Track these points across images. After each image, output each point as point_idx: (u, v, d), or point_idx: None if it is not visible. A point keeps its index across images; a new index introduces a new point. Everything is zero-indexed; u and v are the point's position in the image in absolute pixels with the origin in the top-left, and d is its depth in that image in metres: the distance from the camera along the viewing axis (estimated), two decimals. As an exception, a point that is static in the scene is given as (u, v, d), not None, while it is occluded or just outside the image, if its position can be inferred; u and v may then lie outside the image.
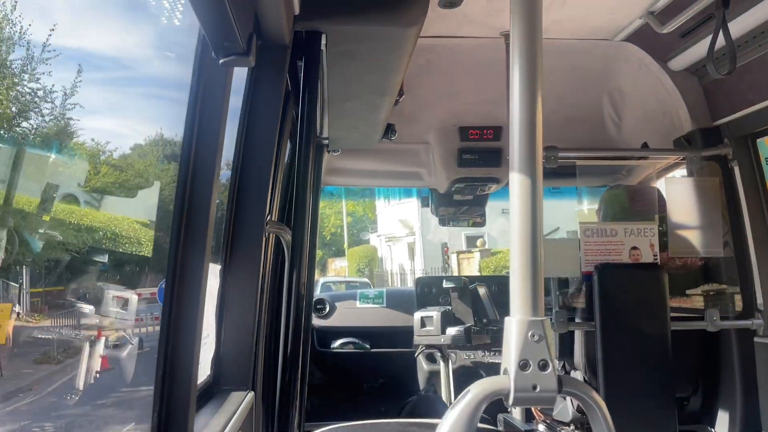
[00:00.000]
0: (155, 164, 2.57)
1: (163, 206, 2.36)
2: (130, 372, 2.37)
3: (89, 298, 2.30)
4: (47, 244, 2.01)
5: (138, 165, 2.53)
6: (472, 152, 3.69)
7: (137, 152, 2.55)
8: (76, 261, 2.20)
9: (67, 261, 2.16)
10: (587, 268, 2.93)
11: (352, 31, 1.99)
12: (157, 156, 2.55)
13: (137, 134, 2.55)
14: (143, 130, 2.51)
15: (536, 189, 1.19)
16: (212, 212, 1.27)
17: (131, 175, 2.45)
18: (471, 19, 2.65)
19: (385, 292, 5.44)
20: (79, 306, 2.25)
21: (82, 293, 2.30)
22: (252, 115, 1.84)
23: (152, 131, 2.53)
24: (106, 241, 2.30)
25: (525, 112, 1.20)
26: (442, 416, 1.18)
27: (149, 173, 2.58)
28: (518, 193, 1.20)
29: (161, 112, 2.79)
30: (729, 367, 2.97)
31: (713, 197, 3.05)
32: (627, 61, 3.10)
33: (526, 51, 1.21)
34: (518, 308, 1.17)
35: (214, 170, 1.27)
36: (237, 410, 1.55)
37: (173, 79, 2.12)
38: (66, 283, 2.21)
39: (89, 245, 2.24)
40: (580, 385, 1.20)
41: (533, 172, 1.20)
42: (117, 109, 2.22)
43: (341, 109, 2.85)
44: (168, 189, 2.26)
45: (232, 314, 1.75)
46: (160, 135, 2.51)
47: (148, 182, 2.62)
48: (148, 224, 2.42)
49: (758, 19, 2.37)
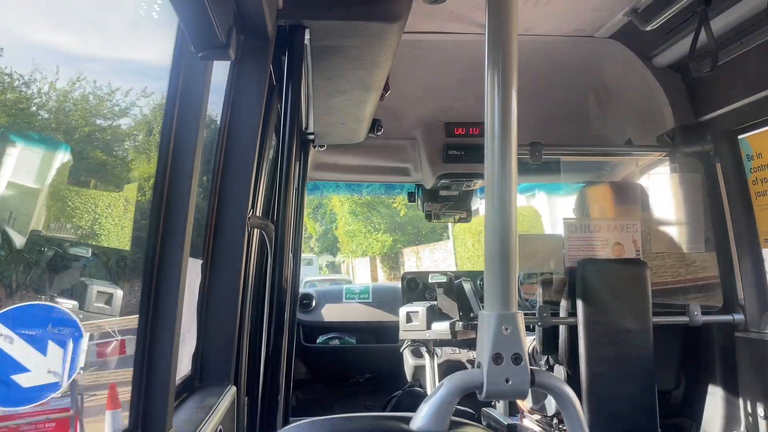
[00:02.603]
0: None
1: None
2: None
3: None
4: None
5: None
6: (457, 148, 3.70)
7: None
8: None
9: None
10: (571, 264, 2.95)
11: (336, 25, 1.99)
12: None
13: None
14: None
15: (510, 185, 1.20)
16: (191, 207, 1.27)
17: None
18: (456, 16, 2.65)
19: (371, 287, 5.45)
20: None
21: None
22: (234, 109, 1.83)
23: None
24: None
25: (500, 109, 1.21)
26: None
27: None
28: (492, 189, 1.20)
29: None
30: (710, 361, 3.01)
31: (695, 193, 3.08)
32: (611, 58, 3.11)
33: (502, 47, 1.22)
34: (491, 302, 1.18)
35: (193, 164, 1.27)
36: (218, 405, 1.55)
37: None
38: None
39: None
40: (552, 379, 1.22)
41: (507, 169, 1.20)
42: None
43: (326, 104, 2.84)
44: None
45: (213, 309, 1.75)
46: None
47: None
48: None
49: (740, 17, 2.39)
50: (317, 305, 5.27)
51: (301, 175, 3.58)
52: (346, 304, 5.30)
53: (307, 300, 5.27)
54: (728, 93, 2.77)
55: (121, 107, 2.31)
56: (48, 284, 2.68)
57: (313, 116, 3.03)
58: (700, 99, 2.98)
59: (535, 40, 2.91)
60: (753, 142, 2.84)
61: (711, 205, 3.02)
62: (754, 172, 2.83)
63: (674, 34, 2.74)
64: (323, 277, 25.12)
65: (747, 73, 2.61)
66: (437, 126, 3.73)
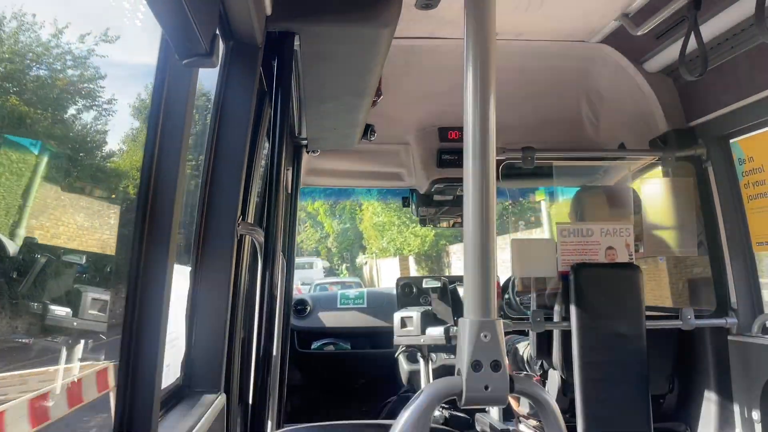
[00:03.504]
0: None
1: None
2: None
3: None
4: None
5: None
6: (451, 153, 3.71)
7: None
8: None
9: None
10: (564, 268, 2.95)
11: (326, 31, 1.98)
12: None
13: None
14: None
15: (489, 191, 1.20)
16: (176, 212, 1.26)
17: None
18: (448, 21, 2.66)
19: (365, 292, 5.45)
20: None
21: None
22: (223, 115, 1.83)
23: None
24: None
25: (477, 115, 1.21)
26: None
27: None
28: (471, 195, 1.20)
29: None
30: (704, 365, 3.00)
31: (688, 197, 3.09)
32: (603, 63, 3.12)
33: (480, 53, 1.22)
34: (471, 309, 1.18)
35: (178, 172, 1.26)
36: (206, 413, 1.54)
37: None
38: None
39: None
40: (531, 386, 1.22)
41: (486, 175, 1.20)
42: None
43: (318, 110, 2.84)
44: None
45: (202, 316, 1.74)
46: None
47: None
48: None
49: (730, 22, 2.40)
50: (312, 311, 5.26)
51: (294, 180, 3.57)
52: (340, 310, 5.29)
53: (302, 306, 5.26)
54: (719, 97, 2.78)
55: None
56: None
57: (306, 122, 3.03)
58: (692, 103, 2.99)
59: (527, 45, 2.92)
60: (744, 145, 2.84)
61: (703, 209, 3.03)
62: (746, 175, 2.83)
63: (665, 39, 2.75)
64: (334, 279, 23.80)
65: (738, 77, 2.62)
66: (431, 131, 3.74)
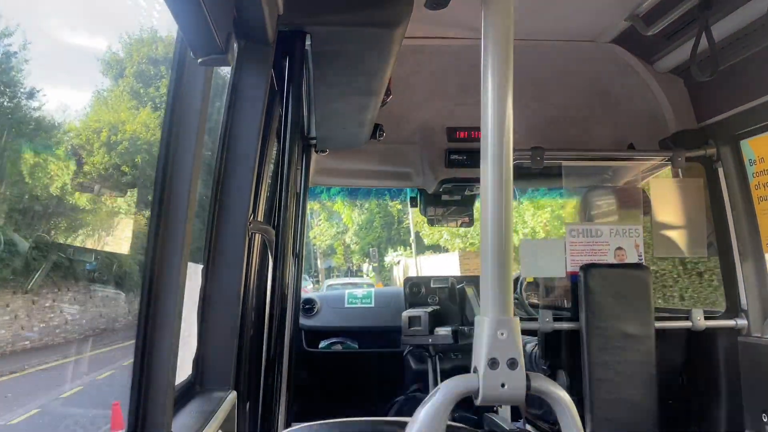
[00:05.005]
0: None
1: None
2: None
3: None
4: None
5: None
6: (459, 153, 3.71)
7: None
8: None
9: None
10: (573, 269, 2.94)
11: (337, 31, 1.99)
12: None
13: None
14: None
15: (506, 191, 1.20)
16: (191, 210, 1.27)
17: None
18: (457, 21, 2.66)
19: (373, 292, 5.44)
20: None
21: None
22: (235, 113, 1.83)
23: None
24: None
25: (495, 116, 1.21)
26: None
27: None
28: (489, 195, 1.20)
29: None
30: (713, 366, 2.99)
31: (698, 198, 3.08)
32: (613, 63, 3.11)
33: (498, 56, 1.22)
34: (488, 307, 1.18)
35: (192, 171, 1.27)
36: (218, 410, 1.54)
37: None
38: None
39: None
40: (548, 384, 1.21)
41: (503, 175, 1.20)
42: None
43: (328, 109, 2.85)
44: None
45: (213, 314, 1.75)
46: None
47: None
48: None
49: (741, 22, 2.39)
50: (320, 310, 5.26)
51: (303, 179, 3.58)
52: (348, 309, 5.29)
53: (310, 305, 5.26)
54: (730, 97, 2.77)
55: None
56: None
57: (315, 121, 3.03)
58: (702, 103, 2.98)
59: (537, 45, 2.91)
60: (755, 146, 2.83)
61: (713, 210, 3.02)
62: (757, 176, 2.82)
63: (676, 39, 2.74)
64: (347, 280, 22.67)
65: (749, 77, 2.61)
66: (439, 131, 3.74)
